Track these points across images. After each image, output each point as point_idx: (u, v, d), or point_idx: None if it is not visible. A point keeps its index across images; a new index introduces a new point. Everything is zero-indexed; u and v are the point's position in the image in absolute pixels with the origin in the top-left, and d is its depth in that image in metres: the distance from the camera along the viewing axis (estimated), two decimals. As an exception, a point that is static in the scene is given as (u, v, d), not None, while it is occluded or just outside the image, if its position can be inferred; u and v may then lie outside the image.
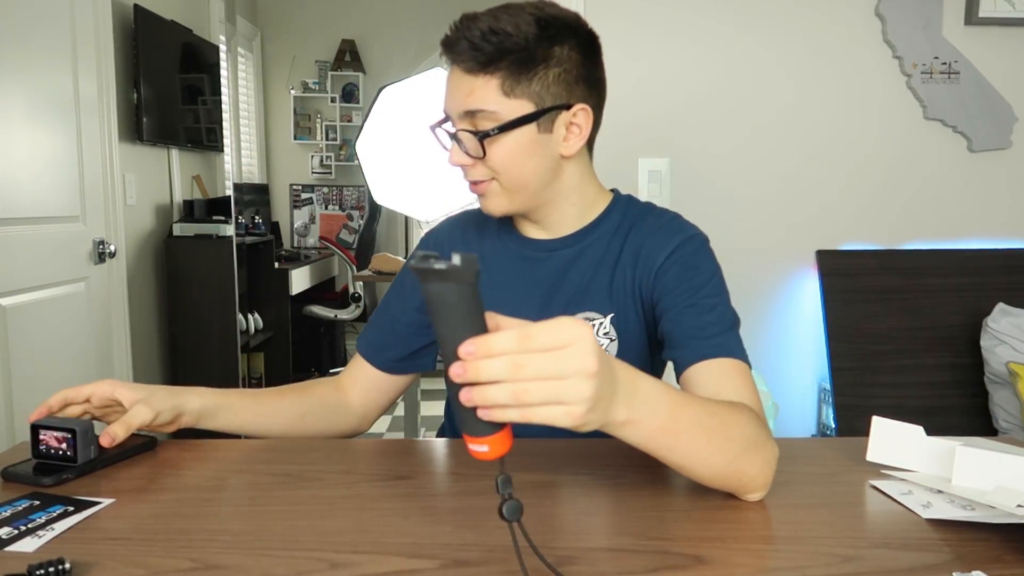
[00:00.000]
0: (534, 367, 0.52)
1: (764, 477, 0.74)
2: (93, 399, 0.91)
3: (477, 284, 0.50)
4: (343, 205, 5.05)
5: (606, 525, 0.71)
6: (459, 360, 0.52)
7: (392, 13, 5.00)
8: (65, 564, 0.60)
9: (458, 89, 0.90)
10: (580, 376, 0.53)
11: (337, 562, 0.63)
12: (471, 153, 0.91)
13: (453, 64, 0.91)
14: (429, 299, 0.51)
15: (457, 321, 0.51)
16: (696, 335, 0.88)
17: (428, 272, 0.49)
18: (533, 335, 0.52)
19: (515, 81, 0.89)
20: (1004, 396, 1.86)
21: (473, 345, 0.51)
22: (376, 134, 2.88)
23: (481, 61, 0.88)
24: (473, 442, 0.55)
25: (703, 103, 2.09)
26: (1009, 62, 2.09)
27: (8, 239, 2.08)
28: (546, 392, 0.53)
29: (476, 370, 0.51)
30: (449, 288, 0.50)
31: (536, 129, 0.91)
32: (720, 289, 0.94)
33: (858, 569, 0.62)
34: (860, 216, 2.13)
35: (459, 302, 0.50)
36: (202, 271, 3.18)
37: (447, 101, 0.93)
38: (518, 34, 0.88)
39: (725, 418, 0.72)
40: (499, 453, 0.55)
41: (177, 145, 3.42)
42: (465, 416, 0.54)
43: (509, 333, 0.52)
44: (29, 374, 2.13)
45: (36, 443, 0.85)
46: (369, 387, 1.08)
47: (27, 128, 2.16)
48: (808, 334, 2.13)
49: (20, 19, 2.12)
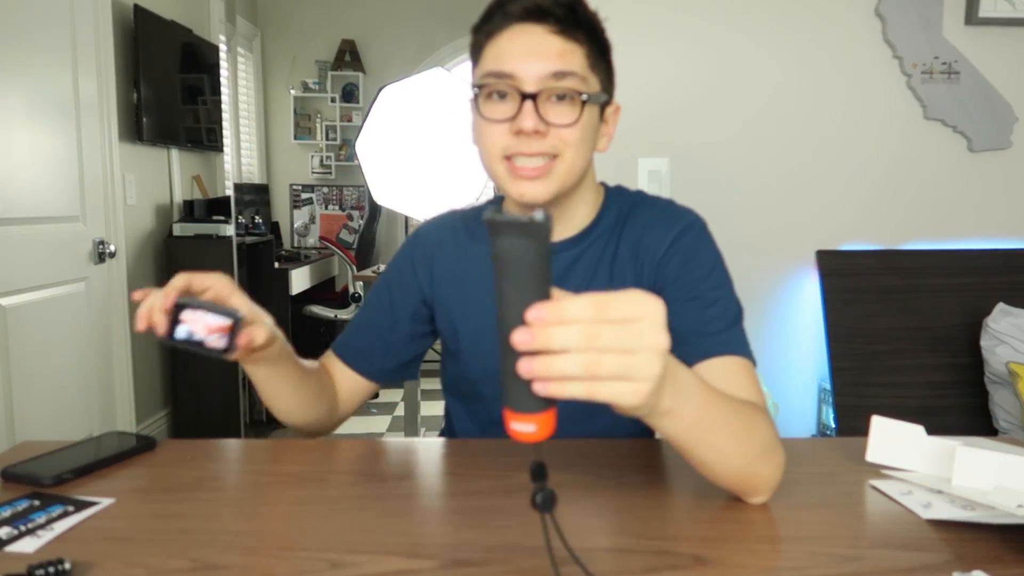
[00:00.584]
0: (609, 338, 0.48)
1: (774, 481, 0.74)
2: (209, 295, 0.80)
3: (550, 246, 0.47)
4: (343, 205, 5.05)
5: (606, 525, 0.71)
6: (523, 326, 0.47)
7: (392, 13, 4.99)
8: (65, 564, 0.60)
9: (546, 48, 0.83)
10: (652, 352, 0.50)
11: (337, 562, 0.63)
12: (555, 120, 0.84)
13: (528, 24, 0.84)
14: (500, 256, 0.47)
15: (528, 283, 0.47)
16: (700, 331, 0.85)
17: (507, 225, 0.46)
18: (608, 304, 0.49)
19: (596, 58, 0.87)
20: (1004, 396, 1.86)
21: (545, 310, 0.47)
22: (376, 134, 2.88)
23: (573, 23, 0.84)
24: (519, 420, 0.50)
25: (703, 103, 2.09)
26: (1009, 62, 2.09)
27: (8, 239, 2.08)
28: (617, 366, 0.49)
29: (546, 337, 0.47)
30: (526, 245, 0.46)
31: (599, 115, 0.90)
32: (723, 279, 0.92)
33: (858, 569, 0.62)
34: (860, 216, 2.13)
35: (534, 262, 0.47)
36: (202, 271, 3.17)
37: (519, 60, 0.83)
38: (595, 15, 0.88)
39: (748, 418, 0.71)
40: (545, 435, 0.50)
41: (177, 145, 3.42)
42: (515, 390, 0.49)
43: (584, 300, 0.48)
44: (29, 374, 2.13)
45: (174, 327, 0.73)
46: (350, 391, 1.04)
47: (27, 128, 2.16)
48: (808, 334, 2.13)
49: (20, 19, 2.12)
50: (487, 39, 0.87)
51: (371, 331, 1.04)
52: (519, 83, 0.83)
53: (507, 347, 0.48)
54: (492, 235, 0.47)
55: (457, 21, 4.89)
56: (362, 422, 3.92)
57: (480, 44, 0.88)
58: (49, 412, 2.24)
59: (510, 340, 0.48)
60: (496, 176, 0.89)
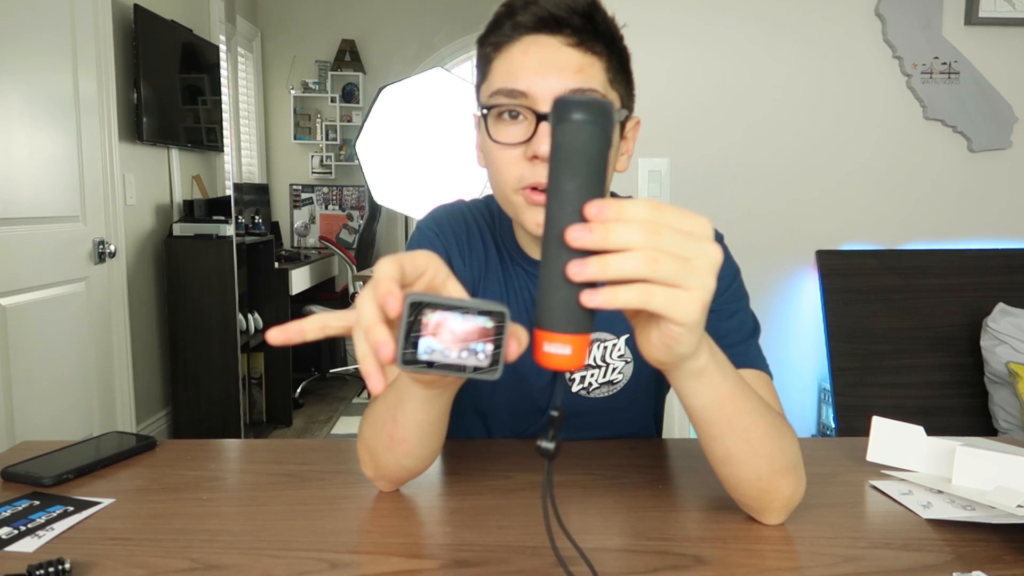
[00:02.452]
0: (670, 240, 0.46)
1: (792, 503, 0.70)
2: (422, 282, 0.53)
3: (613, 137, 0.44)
4: (343, 205, 5.05)
5: (606, 525, 0.71)
6: (580, 222, 0.44)
7: (392, 13, 4.99)
8: (65, 564, 0.60)
9: (564, 64, 0.76)
10: (709, 260, 0.47)
11: (337, 562, 0.63)
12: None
13: (542, 35, 0.77)
14: (561, 140, 0.44)
15: (589, 175, 0.44)
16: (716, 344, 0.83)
17: (577, 104, 0.43)
18: (665, 208, 0.46)
19: (615, 73, 0.79)
20: (1004, 396, 1.86)
21: (605, 205, 0.44)
22: (376, 134, 2.88)
23: (591, 33, 0.77)
24: (554, 341, 0.45)
25: (703, 103, 2.09)
26: (1009, 62, 2.09)
27: (8, 239, 2.08)
28: (676, 270, 0.46)
29: (606, 231, 0.44)
30: (591, 130, 0.43)
31: (619, 131, 0.81)
32: (740, 293, 0.90)
33: (858, 569, 0.62)
34: (860, 216, 2.13)
35: (599, 151, 0.44)
36: (202, 271, 3.18)
37: (534, 76, 0.76)
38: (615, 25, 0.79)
39: (780, 425, 0.68)
40: (577, 363, 0.45)
41: (177, 145, 3.42)
42: (554, 303, 0.45)
43: (644, 202, 0.46)
44: (29, 374, 2.13)
45: (410, 334, 0.46)
46: None
47: (27, 128, 2.16)
48: (808, 334, 2.13)
49: (20, 19, 2.12)
50: (496, 52, 0.80)
51: None
52: (533, 102, 0.76)
53: (554, 250, 0.44)
54: (557, 117, 0.44)
55: (457, 21, 4.89)
56: (362, 422, 3.91)
57: (488, 57, 0.81)
58: (49, 412, 2.24)
59: (561, 239, 0.44)
60: (511, 206, 0.82)
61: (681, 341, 0.51)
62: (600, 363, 0.94)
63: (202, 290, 3.17)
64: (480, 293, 0.91)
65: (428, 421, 0.68)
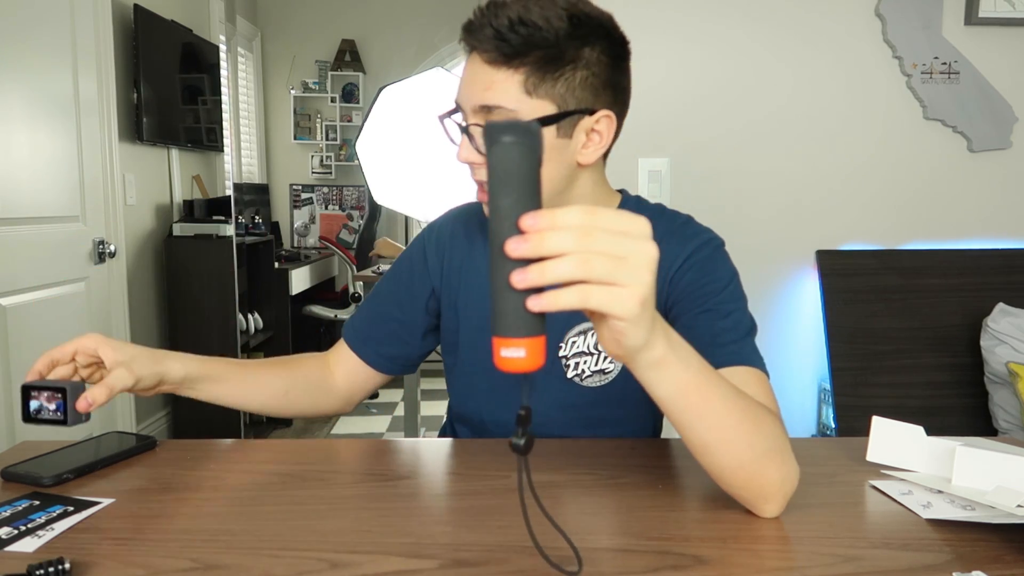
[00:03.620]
0: (602, 241, 0.49)
1: (785, 489, 0.71)
2: (78, 357, 0.86)
3: (542, 155, 0.49)
4: (343, 205, 5.05)
5: (606, 525, 0.71)
6: (517, 235, 0.48)
7: (392, 13, 4.99)
8: (65, 564, 0.60)
9: (476, 80, 0.84)
10: (643, 257, 0.51)
11: (337, 562, 0.63)
12: (483, 151, 0.85)
13: (473, 52, 0.85)
14: (495, 162, 0.48)
15: (521, 190, 0.48)
16: (711, 342, 0.83)
17: (503, 128, 0.47)
18: (597, 212, 0.50)
19: (539, 79, 0.82)
20: (1004, 396, 1.86)
21: (539, 215, 0.48)
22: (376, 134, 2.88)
23: (506, 53, 0.82)
24: (509, 345, 0.49)
25: (703, 103, 2.09)
26: (1009, 62, 2.09)
27: (8, 239, 2.08)
28: (610, 267, 0.50)
29: (540, 240, 0.48)
30: (521, 149, 0.47)
31: (555, 133, 0.85)
32: (737, 295, 0.91)
33: (858, 569, 0.62)
34: (860, 216, 2.13)
35: (529, 168, 0.48)
36: (202, 271, 3.18)
37: (462, 91, 0.87)
38: (548, 28, 0.81)
39: (755, 410, 0.69)
40: (534, 364, 0.49)
41: (177, 145, 3.42)
42: (505, 310, 0.49)
43: (576, 208, 0.49)
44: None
45: (27, 406, 0.82)
46: (354, 376, 1.04)
47: (27, 128, 2.16)
48: (808, 334, 2.13)
49: (20, 19, 2.12)
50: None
51: (377, 316, 1.04)
52: (463, 116, 0.87)
53: (499, 263, 0.48)
54: (488, 142, 0.48)
55: (457, 21, 4.83)
56: (362, 422, 3.92)
57: None
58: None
59: (503, 251, 0.48)
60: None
61: (627, 334, 0.54)
62: (592, 350, 0.96)
63: (202, 290, 3.18)
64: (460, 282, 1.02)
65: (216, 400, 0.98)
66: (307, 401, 1.02)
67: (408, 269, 1.05)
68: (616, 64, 0.87)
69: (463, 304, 1.01)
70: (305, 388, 1.02)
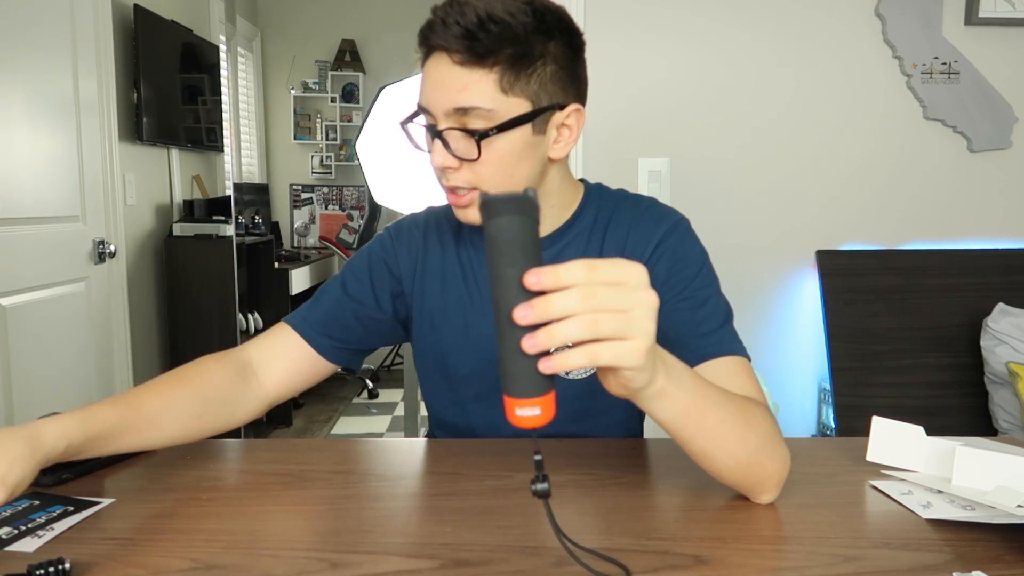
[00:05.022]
0: (606, 298, 0.50)
1: (779, 476, 0.74)
2: None
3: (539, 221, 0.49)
4: (343, 205, 5.05)
5: (606, 525, 0.71)
6: (523, 302, 0.48)
7: (392, 13, 4.99)
8: (65, 564, 0.60)
9: (447, 83, 0.81)
10: (645, 308, 0.52)
11: (337, 562, 0.63)
12: (460, 155, 0.83)
13: (439, 53, 0.82)
14: (495, 235, 0.48)
15: (523, 259, 0.48)
16: (694, 332, 0.85)
17: (501, 202, 0.47)
18: (598, 266, 0.51)
19: (514, 77, 0.81)
20: (1004, 396, 1.86)
21: (541, 274, 0.48)
22: (376, 134, 2.88)
23: (478, 52, 0.79)
24: (523, 405, 0.50)
25: (703, 103, 2.09)
26: (1009, 62, 2.09)
27: (8, 239, 2.08)
28: (616, 324, 0.51)
29: (546, 306, 0.49)
30: (521, 221, 0.48)
31: (531, 130, 0.84)
32: (711, 277, 0.92)
33: (858, 569, 0.62)
34: (860, 216, 2.13)
35: (529, 237, 0.48)
36: (202, 271, 3.18)
37: (429, 95, 0.84)
38: (516, 24, 0.80)
39: (745, 409, 0.72)
40: (548, 418, 0.51)
41: (177, 145, 3.42)
42: (516, 374, 0.50)
43: (576, 263, 0.50)
44: (29, 374, 2.13)
45: None
46: (296, 368, 0.95)
47: (27, 128, 2.16)
48: (808, 334, 2.13)
49: (20, 19, 2.12)
50: (421, 66, 0.87)
51: (333, 304, 0.98)
52: (433, 119, 0.84)
53: (506, 329, 0.49)
54: (486, 216, 0.48)
55: (457, 21, 4.88)
56: (362, 422, 3.92)
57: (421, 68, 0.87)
58: (49, 412, 2.23)
59: (510, 319, 0.49)
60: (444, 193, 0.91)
61: (635, 380, 0.56)
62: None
63: (202, 290, 3.17)
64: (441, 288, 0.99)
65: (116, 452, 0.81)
66: (223, 419, 0.89)
67: (372, 265, 1.00)
68: (577, 56, 0.87)
69: (441, 310, 0.98)
70: (220, 404, 0.89)
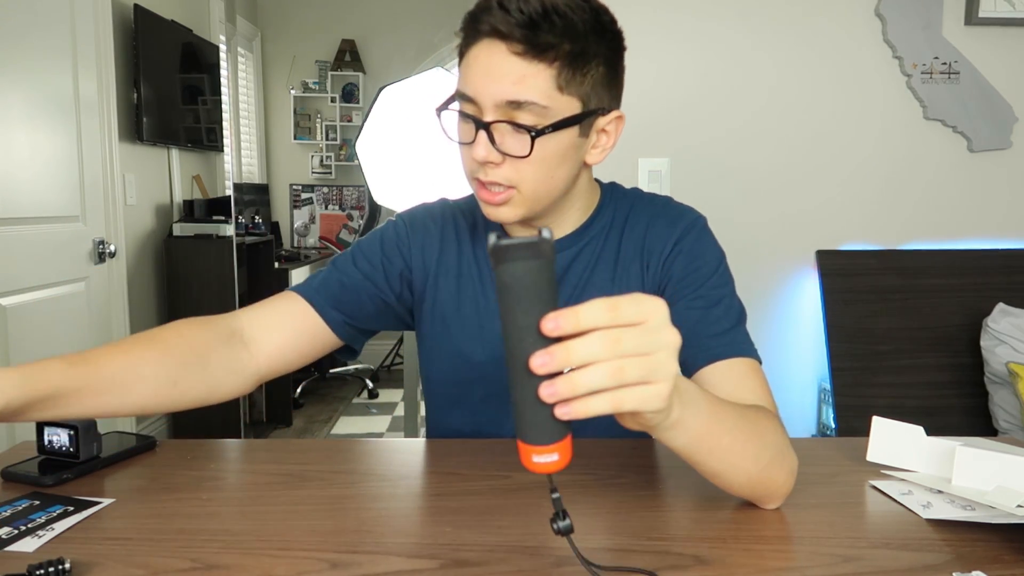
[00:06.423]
0: (629, 342, 0.47)
1: (788, 486, 0.73)
2: None
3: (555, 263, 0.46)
4: (343, 205, 5.05)
5: (606, 525, 0.71)
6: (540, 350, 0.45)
7: (392, 13, 4.99)
8: (65, 564, 0.60)
9: (502, 73, 0.77)
10: (668, 350, 0.49)
11: (337, 562, 0.63)
12: (507, 151, 0.79)
13: (493, 40, 0.77)
14: (510, 283, 0.45)
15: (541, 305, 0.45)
16: (706, 332, 0.84)
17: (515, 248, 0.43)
18: (619, 306, 0.47)
19: (571, 75, 0.77)
20: (1004, 396, 1.86)
21: (560, 319, 0.45)
22: (376, 134, 2.88)
23: (540, 45, 0.75)
24: (541, 452, 0.48)
25: (703, 103, 2.09)
26: (1009, 62, 2.09)
27: (8, 239, 2.08)
28: (641, 369, 0.47)
29: (567, 353, 0.45)
30: (538, 266, 0.44)
31: (577, 132, 0.81)
32: (726, 278, 0.91)
33: (858, 569, 0.62)
34: (860, 216, 2.13)
35: (546, 282, 0.45)
36: (202, 271, 3.18)
37: (478, 84, 0.78)
38: (577, 20, 0.76)
39: (757, 423, 0.70)
40: (566, 462, 0.48)
41: (177, 145, 3.42)
42: (533, 421, 0.47)
43: (596, 304, 0.46)
44: (29, 374, 2.13)
45: (41, 440, 0.86)
46: (295, 341, 0.90)
47: (27, 128, 2.16)
48: (808, 334, 2.13)
49: (20, 19, 2.12)
50: (462, 53, 0.82)
51: (348, 280, 0.94)
52: (478, 109, 0.79)
53: (522, 377, 0.46)
54: (498, 262, 0.44)
55: (457, 21, 4.85)
56: (362, 422, 3.91)
57: (460, 52, 0.83)
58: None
59: (527, 367, 0.45)
60: (471, 187, 0.87)
61: (654, 419, 0.54)
62: None
63: (202, 290, 3.17)
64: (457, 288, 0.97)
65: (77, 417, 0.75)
66: (203, 388, 0.81)
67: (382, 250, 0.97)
68: (621, 61, 0.85)
69: (455, 309, 0.97)
70: (200, 371, 0.81)
